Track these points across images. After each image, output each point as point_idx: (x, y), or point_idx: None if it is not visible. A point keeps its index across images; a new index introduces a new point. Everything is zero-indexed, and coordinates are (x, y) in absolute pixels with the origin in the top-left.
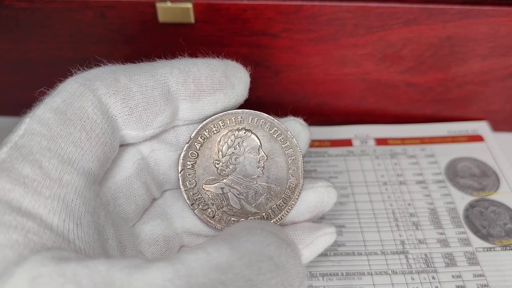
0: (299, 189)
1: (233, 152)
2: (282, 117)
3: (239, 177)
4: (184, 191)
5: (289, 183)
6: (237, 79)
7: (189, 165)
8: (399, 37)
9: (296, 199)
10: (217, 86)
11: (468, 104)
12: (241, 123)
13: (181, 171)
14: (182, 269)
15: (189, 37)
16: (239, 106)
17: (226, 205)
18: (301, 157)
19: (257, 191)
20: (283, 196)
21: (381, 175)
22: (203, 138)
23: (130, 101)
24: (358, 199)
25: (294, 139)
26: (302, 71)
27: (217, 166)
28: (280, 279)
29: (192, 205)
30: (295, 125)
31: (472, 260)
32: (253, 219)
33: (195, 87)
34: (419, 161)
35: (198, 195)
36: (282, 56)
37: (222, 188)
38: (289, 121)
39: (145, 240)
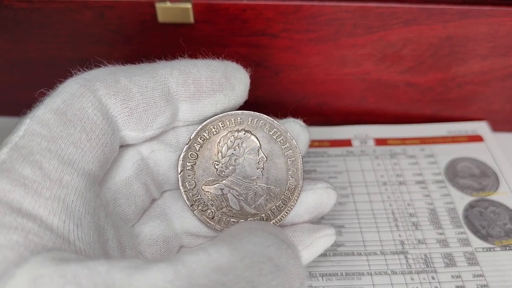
0: (299, 191)
1: (232, 153)
2: (281, 118)
3: (238, 178)
4: (183, 192)
5: (288, 184)
6: (237, 80)
7: (189, 166)
8: (399, 37)
9: (295, 201)
10: (217, 87)
11: (468, 104)
12: (240, 124)
13: (180, 172)
14: (183, 270)
15: (189, 37)
16: (239, 107)
17: (225, 206)
18: (300, 159)
19: (257, 192)
20: (283, 197)
21: (381, 175)
22: (202, 139)
23: (130, 102)
24: (357, 199)
25: (293, 141)
26: (302, 71)
27: (217, 167)
28: (280, 281)
29: (191, 206)
30: (295, 126)
31: (471, 260)
32: (252, 220)
33: (195, 88)
34: (419, 161)
35: (197, 196)
36: (281, 56)
37: (221, 189)
38: (289, 122)
39: (145, 240)
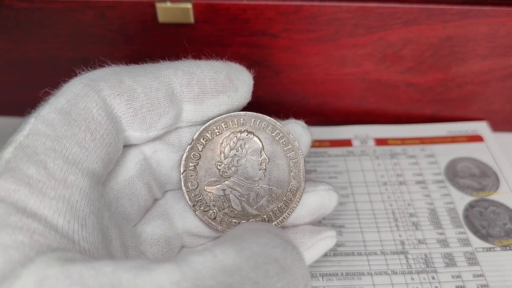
0: (301, 192)
1: (235, 154)
2: (283, 119)
3: (240, 179)
4: (186, 192)
5: (290, 186)
6: (241, 81)
7: (191, 167)
8: (399, 37)
9: (297, 202)
10: (220, 88)
11: (468, 104)
12: (243, 125)
13: (183, 172)
14: (189, 271)
15: (189, 37)
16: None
17: (227, 207)
18: (302, 160)
19: (259, 193)
20: (284, 198)
21: (381, 175)
22: (205, 139)
23: (134, 103)
24: (358, 199)
25: (296, 142)
26: (302, 71)
27: (219, 167)
28: (286, 282)
29: (193, 206)
30: (297, 127)
31: (471, 260)
32: (254, 221)
33: (199, 89)
34: (419, 161)
35: (199, 197)
36: (282, 56)
37: (223, 189)
38: (291, 124)
39: (147, 240)
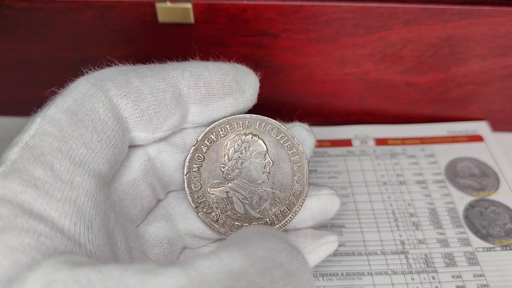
0: (304, 196)
1: (239, 156)
2: (287, 122)
3: (244, 181)
4: (189, 193)
5: (293, 190)
6: (247, 84)
7: (195, 168)
8: (399, 37)
9: (300, 206)
10: (227, 90)
11: (468, 104)
12: (248, 127)
13: (186, 174)
14: (195, 275)
15: (189, 37)
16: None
17: (230, 209)
18: (306, 164)
19: (262, 196)
20: (287, 202)
21: (381, 175)
22: (210, 141)
23: (141, 104)
24: (358, 199)
25: (300, 146)
26: (302, 71)
27: (223, 169)
28: (291, 287)
29: (196, 208)
30: (301, 131)
31: (472, 260)
32: (256, 224)
33: (206, 91)
34: (419, 161)
35: (202, 198)
36: (282, 56)
37: (227, 192)
38: (295, 127)
39: (149, 241)
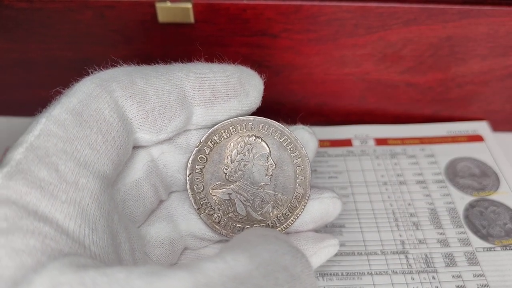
0: (306, 199)
1: (242, 158)
2: (291, 125)
3: (246, 183)
4: (191, 195)
5: (296, 193)
6: (252, 86)
7: (198, 169)
8: (399, 37)
9: (302, 209)
10: (232, 93)
11: (468, 104)
12: (251, 130)
13: (189, 175)
14: (201, 278)
15: (189, 37)
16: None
17: (232, 211)
18: (309, 167)
19: (264, 199)
20: (289, 205)
21: (381, 175)
22: (213, 143)
23: (146, 105)
24: (358, 199)
25: (303, 149)
26: (302, 71)
27: (225, 171)
28: None
29: (198, 209)
30: (304, 134)
31: (472, 260)
32: (258, 226)
33: (211, 94)
34: (419, 161)
35: (205, 200)
36: (282, 56)
37: (229, 194)
38: (298, 130)
39: (151, 242)
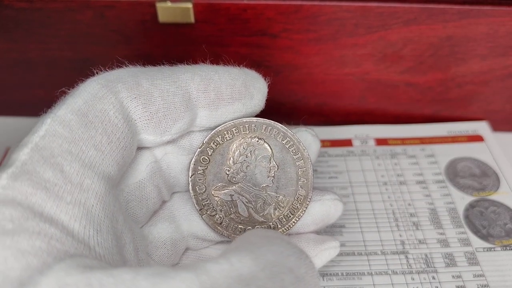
0: (307, 201)
1: (244, 159)
2: (293, 127)
3: (248, 185)
4: (193, 196)
5: (298, 195)
6: (256, 89)
7: (200, 170)
8: (399, 37)
9: (303, 211)
10: (236, 95)
11: (468, 104)
12: (254, 131)
13: (191, 176)
14: (207, 280)
15: (189, 37)
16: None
17: (234, 212)
18: (311, 170)
19: (266, 200)
20: (291, 207)
21: (381, 175)
22: (216, 144)
23: (151, 106)
24: (358, 199)
25: (306, 151)
26: (302, 71)
27: (228, 172)
28: None
29: (200, 210)
30: (307, 136)
31: (472, 260)
32: (260, 228)
33: (215, 96)
34: (419, 161)
35: (207, 201)
36: (282, 56)
37: (231, 195)
38: (301, 132)
39: (153, 242)
